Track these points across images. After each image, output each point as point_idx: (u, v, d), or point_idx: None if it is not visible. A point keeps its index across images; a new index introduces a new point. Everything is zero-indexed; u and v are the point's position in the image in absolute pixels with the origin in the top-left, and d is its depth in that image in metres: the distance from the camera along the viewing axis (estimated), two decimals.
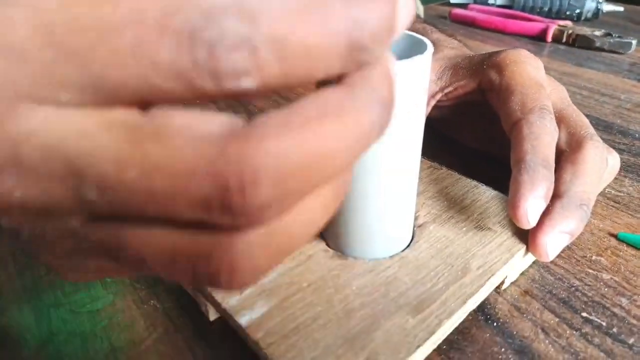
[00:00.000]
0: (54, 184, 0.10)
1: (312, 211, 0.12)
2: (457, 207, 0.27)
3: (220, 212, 0.10)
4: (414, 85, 0.20)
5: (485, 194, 0.28)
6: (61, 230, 0.12)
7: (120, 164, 0.10)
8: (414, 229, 0.26)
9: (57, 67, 0.10)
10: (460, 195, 0.28)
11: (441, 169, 0.31)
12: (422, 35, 0.41)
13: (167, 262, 0.11)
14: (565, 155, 0.26)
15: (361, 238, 0.23)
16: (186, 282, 0.12)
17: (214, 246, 0.11)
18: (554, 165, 0.25)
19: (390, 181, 0.22)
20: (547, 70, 0.55)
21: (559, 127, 0.28)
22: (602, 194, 0.33)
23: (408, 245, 0.25)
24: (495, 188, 0.29)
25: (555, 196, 0.25)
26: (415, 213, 0.27)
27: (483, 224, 0.26)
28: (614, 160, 0.28)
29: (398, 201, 0.23)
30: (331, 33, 0.10)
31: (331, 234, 0.24)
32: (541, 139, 0.25)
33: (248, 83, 0.10)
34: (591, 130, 0.28)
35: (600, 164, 0.26)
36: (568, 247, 0.29)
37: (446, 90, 0.34)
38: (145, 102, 0.10)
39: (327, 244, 0.25)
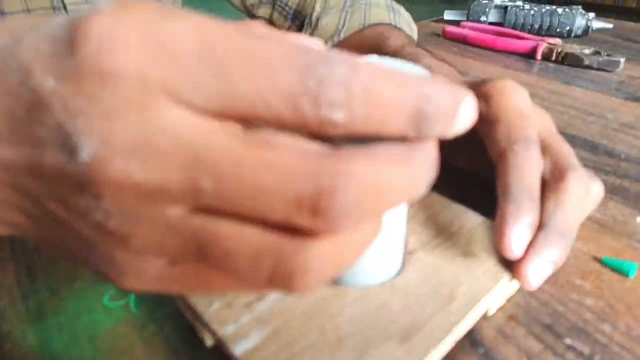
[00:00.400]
0: (176, 170, 0.13)
1: (367, 234, 0.15)
2: (445, 234, 0.28)
3: (308, 213, 0.13)
4: None
5: (472, 220, 0.29)
6: (158, 219, 0.13)
7: (237, 159, 0.12)
8: (404, 256, 0.27)
9: (203, 76, 0.12)
10: (449, 222, 0.29)
11: (430, 194, 0.32)
12: (414, 60, 0.42)
13: (251, 260, 0.13)
14: (549, 185, 0.27)
15: (353, 268, 0.24)
16: (260, 283, 0.14)
17: (295, 248, 0.13)
18: (539, 195, 0.26)
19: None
20: (536, 88, 0.56)
21: (544, 156, 0.29)
22: (587, 217, 0.34)
23: (398, 273, 0.26)
24: (485, 210, 0.30)
25: (539, 226, 0.26)
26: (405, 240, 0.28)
27: (470, 250, 0.27)
28: (597, 189, 0.29)
29: (389, 235, 0.24)
30: (404, 98, 0.13)
31: None
32: (526, 170, 0.26)
33: (338, 115, 0.13)
34: (574, 160, 0.29)
35: (582, 193, 0.27)
36: (554, 273, 0.30)
37: None
38: (250, 121, 0.13)
39: None
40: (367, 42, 0.52)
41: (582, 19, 0.73)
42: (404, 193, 0.14)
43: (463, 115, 0.14)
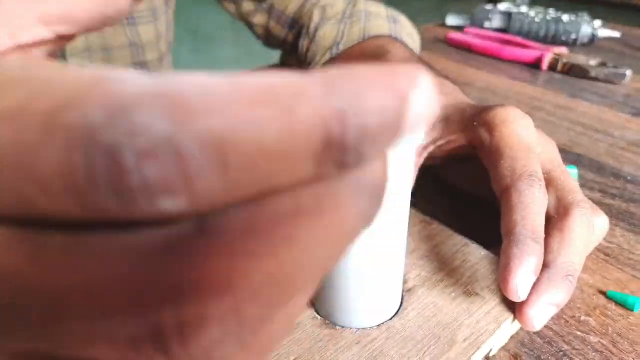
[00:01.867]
0: None
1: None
2: (446, 269, 0.28)
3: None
4: (399, 173, 0.20)
5: (474, 254, 0.29)
6: None
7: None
8: (402, 293, 0.26)
9: None
10: (451, 255, 0.29)
11: (432, 224, 0.31)
12: None
13: None
14: (553, 222, 0.27)
15: (348, 309, 0.24)
16: None
17: None
18: (543, 236, 0.25)
19: (378, 252, 0.22)
20: (542, 102, 0.55)
21: (548, 190, 0.28)
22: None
23: (396, 312, 0.25)
24: (488, 237, 0.29)
25: (543, 264, 0.25)
26: (405, 275, 0.27)
27: (472, 288, 0.26)
28: (602, 223, 0.28)
29: (384, 275, 0.23)
30: (300, 128, 0.07)
31: (319, 301, 0.25)
32: (530, 209, 0.25)
33: (172, 205, 0.07)
34: (579, 195, 0.28)
35: (586, 230, 0.26)
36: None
37: (438, 143, 0.34)
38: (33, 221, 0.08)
39: (317, 312, 0.25)
40: (367, 55, 0.51)
41: (587, 27, 0.71)
42: (322, 255, 0.09)
43: (417, 113, 0.08)
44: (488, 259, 0.28)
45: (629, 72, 0.59)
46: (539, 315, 0.24)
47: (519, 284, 0.24)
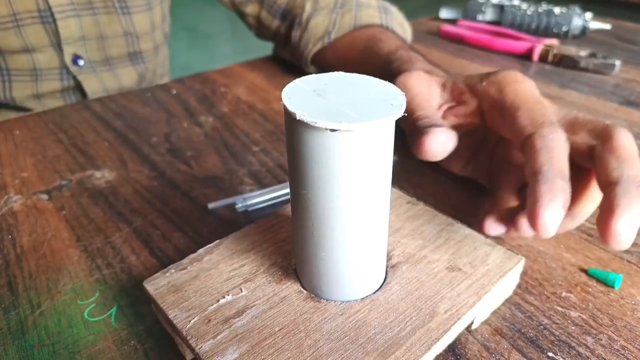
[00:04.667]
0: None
1: None
2: (430, 246, 0.28)
3: None
4: (382, 146, 0.20)
5: (459, 232, 0.29)
6: None
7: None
8: (386, 269, 0.27)
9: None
10: (435, 234, 0.29)
11: (418, 205, 0.32)
12: (407, 64, 0.42)
13: None
14: (599, 149, 0.27)
15: (332, 281, 0.24)
16: None
17: None
18: (569, 176, 0.26)
19: (361, 227, 0.22)
20: None
21: (574, 130, 0.28)
22: (577, 227, 0.34)
23: (380, 287, 0.26)
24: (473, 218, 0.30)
25: (610, 184, 0.25)
26: (390, 252, 0.28)
27: (454, 264, 0.27)
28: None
29: (368, 248, 0.23)
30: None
31: (305, 275, 0.25)
32: (556, 152, 0.26)
33: None
34: (608, 121, 0.28)
35: (634, 144, 0.27)
36: (539, 284, 0.29)
37: (448, 105, 0.35)
38: None
39: (302, 286, 0.26)
40: (358, 44, 0.52)
41: (578, 20, 0.72)
42: None
43: None
44: (472, 237, 0.29)
45: (618, 63, 0.60)
46: (626, 230, 0.23)
47: (549, 219, 0.24)
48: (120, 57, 0.61)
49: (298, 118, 0.19)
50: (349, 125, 0.19)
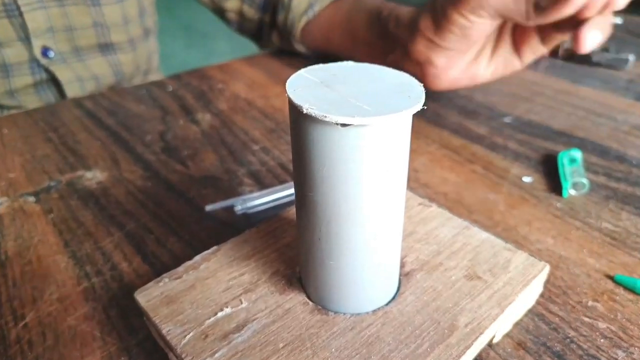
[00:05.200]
0: None
1: None
2: (446, 252, 0.26)
3: None
4: (397, 144, 0.18)
5: (476, 237, 0.27)
6: None
7: None
8: (400, 277, 0.24)
9: None
10: (450, 238, 0.27)
11: (431, 206, 0.30)
12: (396, 9, 0.44)
13: None
14: None
15: (341, 292, 0.22)
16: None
17: None
18: None
19: (373, 232, 0.20)
20: (542, 87, 0.54)
21: None
22: (599, 229, 0.32)
23: (393, 297, 0.23)
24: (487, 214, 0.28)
25: None
26: (402, 259, 0.26)
27: (473, 271, 0.25)
28: None
29: (381, 254, 0.21)
30: None
31: (311, 285, 0.23)
32: None
33: None
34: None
35: None
36: (563, 292, 0.27)
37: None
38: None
39: (308, 296, 0.23)
40: (342, 9, 0.54)
41: None
42: None
43: None
44: (490, 241, 0.27)
45: (632, 58, 0.58)
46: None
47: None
48: (89, 47, 0.59)
49: (305, 112, 0.17)
50: (363, 119, 0.16)
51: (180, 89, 0.54)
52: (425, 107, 0.19)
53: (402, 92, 0.18)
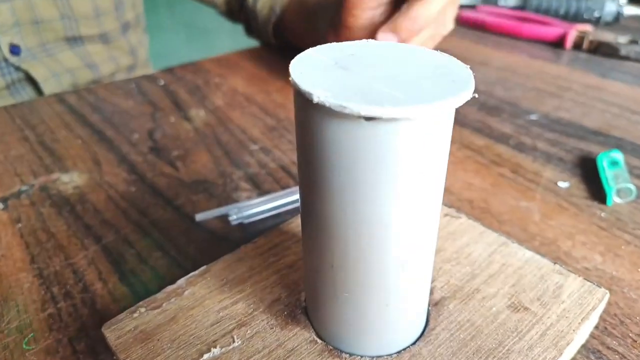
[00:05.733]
0: None
1: None
2: (483, 275, 0.21)
3: None
4: (437, 140, 0.14)
5: (517, 256, 0.23)
6: None
7: None
8: (428, 308, 0.20)
9: None
10: (486, 257, 0.22)
11: (460, 217, 0.25)
12: None
13: None
14: None
15: (358, 330, 0.17)
16: None
17: None
18: None
19: (401, 260, 0.16)
20: (569, 81, 0.49)
21: None
22: None
23: (421, 334, 0.19)
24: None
25: None
26: (431, 284, 0.21)
27: (518, 301, 0.20)
28: None
29: (409, 284, 0.17)
30: None
31: (319, 319, 0.18)
32: None
33: None
34: None
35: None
36: (620, 322, 0.23)
37: None
38: None
39: (316, 333, 0.19)
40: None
41: (612, 4, 0.65)
42: None
43: None
44: (534, 261, 0.22)
45: None
46: None
47: None
48: (56, 40, 0.54)
49: (316, 101, 0.12)
50: (397, 110, 0.12)
51: (172, 83, 0.49)
52: (477, 95, 0.14)
53: (443, 75, 0.14)
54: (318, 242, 0.16)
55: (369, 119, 0.12)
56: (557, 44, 0.59)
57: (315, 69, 0.14)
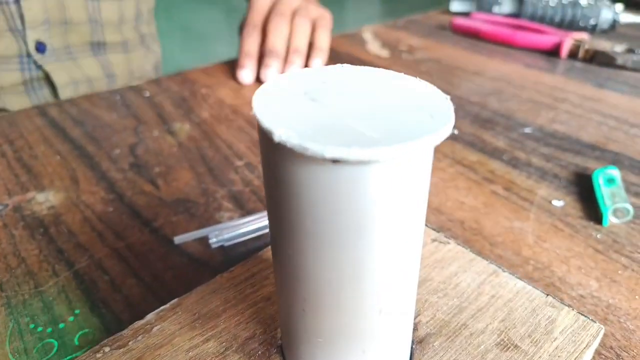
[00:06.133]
0: None
1: None
2: (471, 308, 0.20)
3: None
4: (412, 180, 0.13)
5: (507, 287, 0.21)
6: None
7: None
8: (412, 346, 0.19)
9: None
10: (475, 288, 0.21)
11: (448, 243, 0.24)
12: None
13: None
14: None
15: None
16: None
17: None
18: None
19: (377, 306, 0.15)
20: (565, 92, 0.48)
21: None
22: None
23: None
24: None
25: None
26: (415, 318, 0.20)
27: (508, 337, 0.19)
28: None
29: (387, 328, 0.15)
30: None
31: (294, 354, 0.17)
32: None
33: None
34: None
35: None
36: (617, 355, 0.21)
37: None
38: None
39: None
40: None
41: (608, 11, 0.64)
42: None
43: None
44: (526, 292, 0.21)
45: None
46: None
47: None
48: (82, 45, 0.54)
49: (277, 140, 0.11)
50: (365, 152, 0.11)
51: (158, 94, 0.48)
52: (457, 132, 0.13)
53: (420, 108, 0.13)
54: (288, 286, 0.15)
55: (335, 161, 0.11)
56: (552, 52, 0.58)
57: (282, 101, 0.13)
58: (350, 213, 0.12)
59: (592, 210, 0.31)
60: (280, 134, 0.11)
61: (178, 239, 0.28)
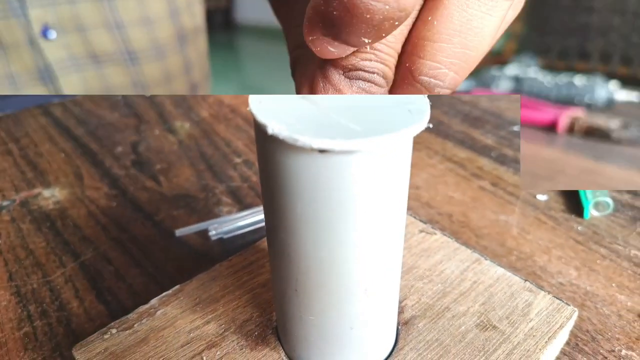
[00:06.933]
0: None
1: None
2: (454, 293, 0.22)
3: None
4: (393, 168, 0.14)
5: (489, 273, 0.23)
6: None
7: None
8: (398, 327, 0.20)
9: None
10: (459, 275, 0.23)
11: (435, 234, 0.25)
12: None
13: None
14: None
15: (325, 352, 0.18)
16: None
17: None
18: None
19: (363, 285, 0.16)
20: (563, 164, 0.49)
21: None
22: (628, 258, 0.28)
23: (390, 354, 0.19)
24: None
25: None
26: (401, 302, 0.21)
27: (487, 319, 0.20)
28: None
29: (372, 307, 0.17)
30: None
31: (288, 341, 0.19)
32: None
33: None
34: None
35: None
36: (592, 338, 0.23)
37: None
38: None
39: (286, 354, 0.19)
40: None
41: (601, 90, 0.64)
42: None
43: None
44: (506, 279, 0.22)
45: None
46: None
47: None
48: (94, 25, 0.47)
49: (270, 133, 0.13)
50: (348, 143, 0.12)
51: (159, 94, 0.50)
52: (431, 126, 0.14)
53: (401, 104, 0.14)
54: (281, 268, 0.16)
55: (322, 151, 0.13)
56: (549, 128, 0.58)
57: (274, 99, 0.14)
58: (336, 198, 0.14)
59: (574, 204, 0.32)
60: (273, 127, 0.13)
61: (179, 232, 0.30)
